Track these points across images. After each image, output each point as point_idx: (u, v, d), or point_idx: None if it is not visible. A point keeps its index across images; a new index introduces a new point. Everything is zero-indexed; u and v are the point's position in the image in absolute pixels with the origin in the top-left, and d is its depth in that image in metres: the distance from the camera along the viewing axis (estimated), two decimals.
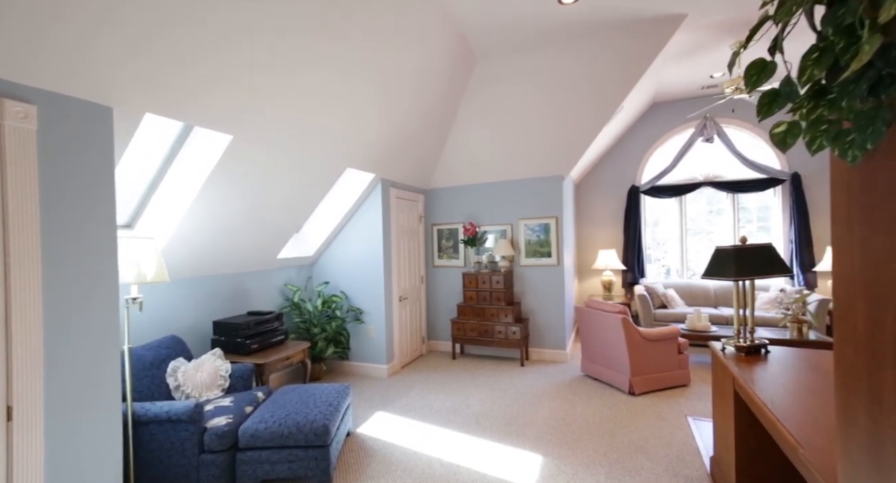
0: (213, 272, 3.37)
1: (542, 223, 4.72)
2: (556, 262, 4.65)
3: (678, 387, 3.72)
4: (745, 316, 2.25)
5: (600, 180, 6.48)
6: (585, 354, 4.09)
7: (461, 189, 5.16)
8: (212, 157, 2.59)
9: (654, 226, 6.37)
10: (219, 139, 2.54)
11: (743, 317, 2.15)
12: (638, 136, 6.26)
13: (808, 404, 1.48)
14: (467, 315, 4.75)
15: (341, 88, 2.91)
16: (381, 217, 4.27)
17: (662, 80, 5.30)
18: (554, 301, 4.70)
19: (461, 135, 4.56)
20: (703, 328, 4.31)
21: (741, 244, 2.09)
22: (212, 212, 2.87)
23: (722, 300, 5.54)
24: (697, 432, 2.87)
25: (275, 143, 2.82)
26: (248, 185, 2.93)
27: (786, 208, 5.58)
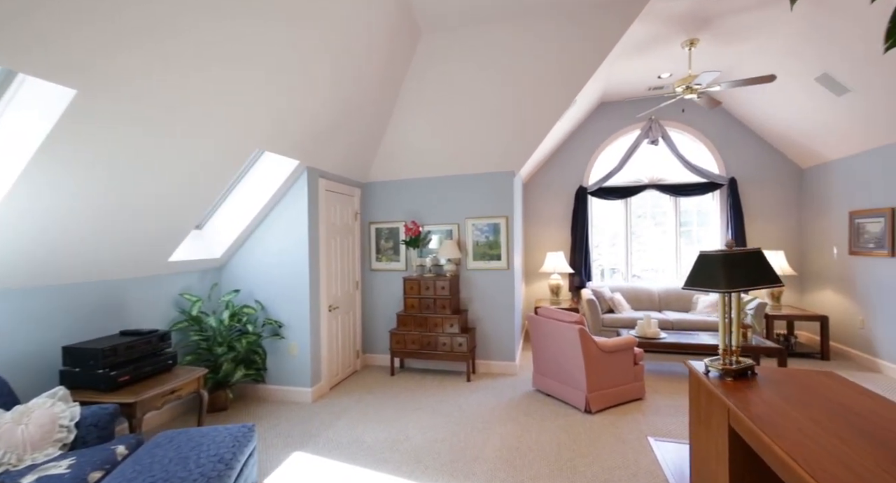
0: (67, 280, 2.53)
1: (491, 223, 4.31)
2: (506, 265, 4.27)
3: (634, 401, 3.47)
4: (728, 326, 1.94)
5: (548, 180, 6.25)
6: (537, 367, 3.73)
7: (403, 184, 4.61)
8: (46, 120, 1.82)
9: (601, 228, 6.27)
10: (56, 94, 1.78)
11: (729, 329, 1.84)
12: (586, 135, 6.12)
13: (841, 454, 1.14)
14: (408, 325, 4.22)
15: (253, 51, 2.26)
16: (307, 212, 3.61)
17: (611, 78, 5.15)
18: (503, 308, 4.31)
19: (403, 121, 4.02)
20: (653, 335, 4.15)
21: (729, 250, 1.77)
22: (57, 198, 2.08)
23: (665, 304, 5.51)
24: (662, 457, 2.58)
25: (146, 110, 2.09)
26: (109, 162, 2.17)
27: (723, 212, 5.69)
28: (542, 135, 3.90)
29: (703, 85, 4.00)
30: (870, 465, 1.11)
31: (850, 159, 4.57)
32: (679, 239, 5.96)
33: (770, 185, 5.55)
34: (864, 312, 4.40)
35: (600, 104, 6.05)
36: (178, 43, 1.95)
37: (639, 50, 4.36)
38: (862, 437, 1.24)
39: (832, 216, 4.87)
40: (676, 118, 5.81)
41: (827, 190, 4.96)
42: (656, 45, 4.25)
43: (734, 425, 1.52)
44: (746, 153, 5.61)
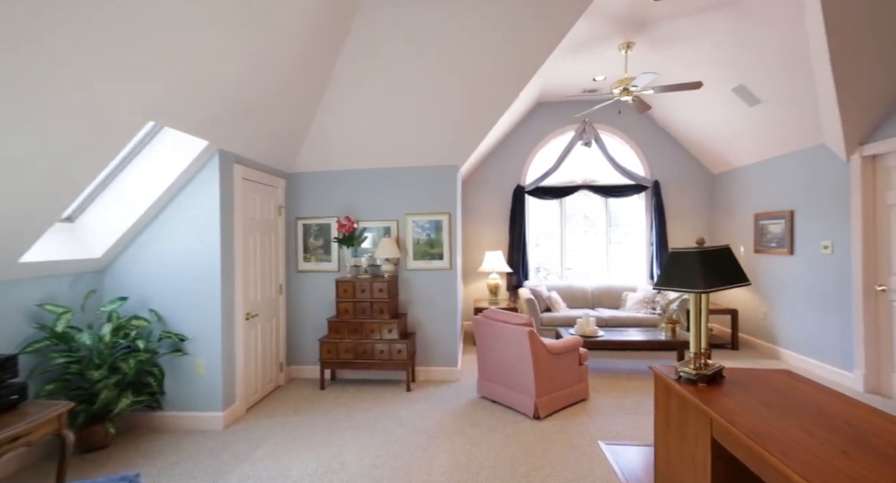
0: None
1: (433, 220, 4.03)
2: (449, 265, 4.02)
3: (579, 402, 3.41)
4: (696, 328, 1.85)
5: (486, 178, 6.14)
6: (482, 373, 3.53)
7: (336, 175, 4.15)
8: None
9: (538, 227, 6.31)
10: None
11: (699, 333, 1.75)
12: (523, 135, 6.11)
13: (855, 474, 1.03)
14: (341, 332, 3.78)
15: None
16: (220, 203, 3.02)
17: (549, 78, 5.15)
18: (445, 311, 4.05)
19: (336, 106, 3.57)
20: (591, 333, 4.17)
21: (701, 247, 1.67)
22: None
23: (598, 301, 5.66)
24: (615, 463, 2.49)
25: None
26: None
27: (648, 213, 6.00)
28: (488, 127, 3.70)
29: (640, 87, 4.09)
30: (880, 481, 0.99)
31: (756, 166, 5.03)
32: (609, 238, 6.18)
33: (687, 188, 5.97)
34: (767, 305, 4.85)
35: (537, 104, 6.07)
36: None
37: (578, 50, 4.37)
38: (862, 450, 1.15)
39: (739, 218, 5.33)
40: (607, 122, 6.02)
41: (735, 194, 5.43)
42: (595, 46, 4.29)
43: (719, 438, 1.39)
44: (668, 158, 5.98)
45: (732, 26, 3.77)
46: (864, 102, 3.37)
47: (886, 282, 3.51)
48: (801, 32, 3.34)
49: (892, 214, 3.46)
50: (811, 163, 4.19)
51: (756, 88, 4.17)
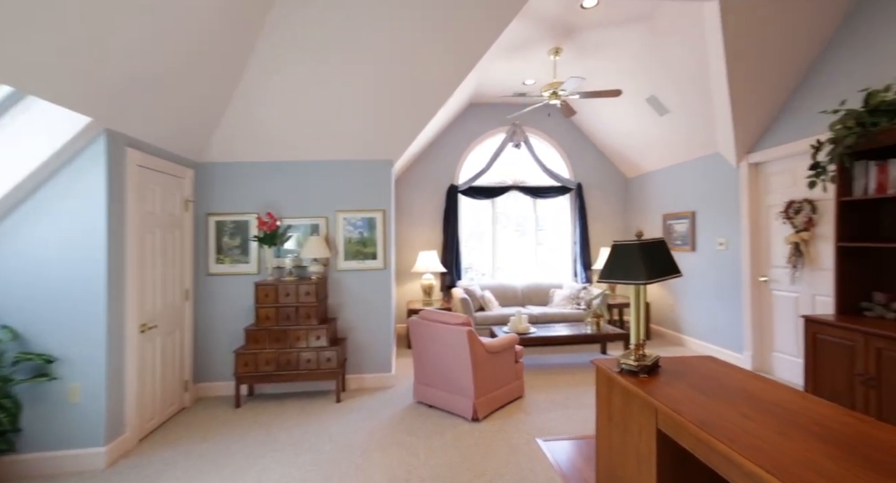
0: None
1: (365, 217, 3.80)
2: (383, 265, 3.81)
3: (516, 400, 3.42)
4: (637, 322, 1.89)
5: (420, 177, 6.03)
6: (419, 377, 3.38)
7: (256, 167, 3.73)
8: None
9: (470, 226, 6.33)
10: None
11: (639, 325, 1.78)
12: (456, 135, 6.10)
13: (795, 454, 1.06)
14: (262, 341, 3.39)
15: None
16: (106, 193, 2.52)
17: (481, 80, 5.19)
18: (379, 314, 3.83)
19: (258, 89, 3.19)
20: (524, 330, 4.24)
21: (640, 239, 1.70)
22: None
23: (527, 299, 5.82)
24: (553, 459, 2.50)
25: None
26: None
27: (572, 213, 6.32)
28: (423, 121, 3.57)
29: (568, 90, 4.26)
30: (824, 461, 1.04)
31: (663, 171, 5.53)
32: (537, 237, 6.41)
33: (606, 190, 6.40)
34: (673, 298, 5.35)
35: (470, 105, 6.10)
36: None
37: (511, 51, 4.44)
38: (795, 430, 1.21)
39: (650, 218, 5.83)
40: (536, 125, 6.24)
41: (646, 196, 5.93)
42: (526, 49, 4.39)
43: (665, 428, 1.40)
44: (589, 161, 6.36)
45: (647, 40, 4.07)
46: (752, 117, 3.83)
47: (767, 273, 4.03)
48: (703, 51, 3.70)
49: (771, 214, 3.97)
50: (709, 169, 4.69)
51: (665, 99, 4.56)
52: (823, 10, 3.19)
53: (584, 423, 2.98)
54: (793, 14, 3.20)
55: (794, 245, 3.66)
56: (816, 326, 2.85)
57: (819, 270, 3.49)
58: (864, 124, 2.74)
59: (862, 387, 2.57)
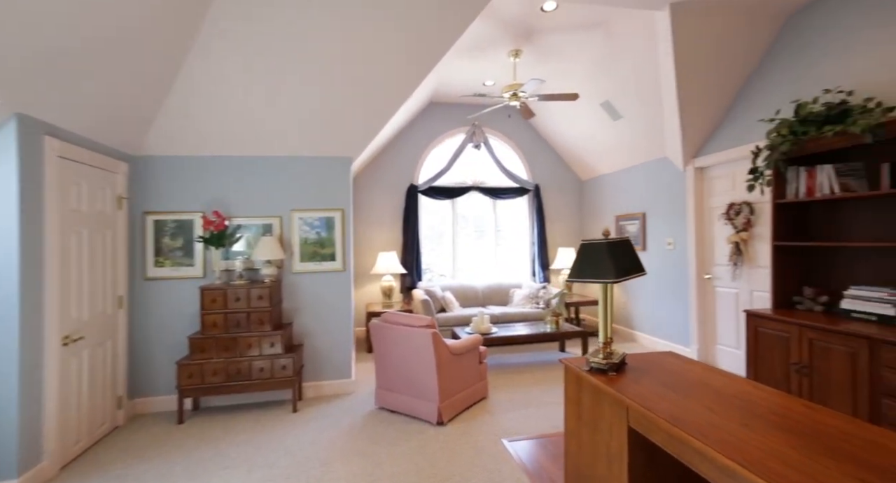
0: None
1: (323, 217, 3.63)
2: (342, 266, 3.66)
3: (480, 401, 3.39)
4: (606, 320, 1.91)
5: (380, 176, 5.89)
6: (381, 382, 3.27)
7: (201, 162, 3.45)
8: None
9: (430, 226, 6.27)
10: None
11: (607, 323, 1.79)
12: (416, 134, 6.02)
13: (760, 445, 1.10)
14: (208, 351, 3.13)
15: None
16: (18, 189, 2.20)
17: (441, 79, 5.15)
18: (338, 317, 3.67)
19: (205, 75, 2.93)
20: (486, 330, 4.25)
21: (608, 238, 1.71)
22: None
23: (488, 299, 5.85)
24: (519, 460, 2.49)
25: None
26: None
27: (531, 214, 6.44)
28: (384, 119, 3.46)
29: (528, 92, 4.32)
30: (788, 450, 1.07)
31: (616, 174, 5.76)
32: (497, 238, 6.46)
33: (562, 192, 6.58)
34: (626, 295, 5.58)
35: (430, 104, 6.04)
36: None
37: (472, 51, 4.44)
38: (756, 421, 1.25)
39: (604, 219, 6.06)
40: (495, 126, 6.29)
41: (600, 198, 6.16)
42: (487, 49, 4.40)
43: (636, 426, 1.41)
44: (546, 164, 6.51)
45: (602, 46, 4.22)
46: (698, 124, 4.07)
47: (711, 271, 4.30)
48: (655, 59, 3.88)
49: (714, 216, 4.24)
50: (658, 172, 4.94)
51: (619, 105, 4.75)
52: (760, 26, 3.44)
53: (547, 421, 3.01)
54: (734, 28, 3.43)
55: (735, 244, 3.92)
56: (757, 320, 3.06)
57: (757, 268, 3.76)
58: (795, 133, 2.98)
59: (796, 375, 2.78)
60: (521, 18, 3.81)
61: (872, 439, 1.12)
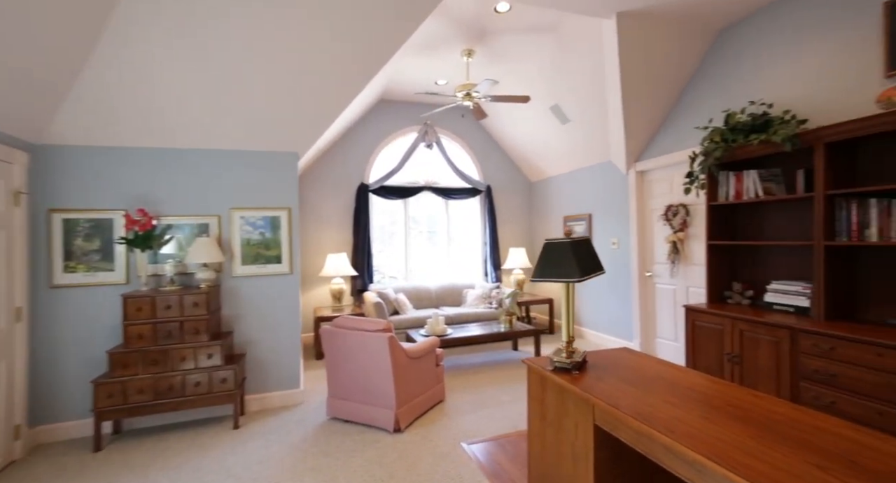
0: None
1: (268, 216, 3.37)
2: (289, 269, 3.43)
3: (437, 404, 3.32)
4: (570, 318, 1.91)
5: (328, 174, 5.63)
6: (333, 390, 3.09)
7: (123, 154, 3.06)
8: None
9: (382, 227, 6.11)
10: None
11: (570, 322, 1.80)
12: (366, 132, 5.84)
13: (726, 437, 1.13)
14: (133, 366, 2.78)
15: None
16: None
17: (393, 76, 5.04)
18: (285, 324, 3.43)
19: (126, 50, 2.60)
20: (441, 332, 4.19)
21: (571, 238, 1.72)
22: None
23: (441, 300, 5.80)
24: (479, 462, 2.46)
25: None
26: None
27: (482, 215, 6.49)
28: (335, 111, 3.29)
29: (482, 92, 4.33)
30: (748, 441, 1.11)
31: (564, 176, 5.97)
32: (450, 238, 6.44)
33: (513, 193, 6.71)
34: (573, 293, 5.79)
35: (381, 101, 5.89)
36: None
37: (424, 49, 4.37)
38: (715, 413, 1.30)
39: (552, 219, 6.25)
40: (447, 126, 6.27)
41: (548, 199, 6.35)
42: (440, 48, 4.35)
43: (602, 424, 1.41)
44: (497, 165, 6.60)
45: (553, 51, 4.33)
46: (640, 129, 4.30)
47: (652, 269, 4.56)
48: (601, 66, 4.05)
49: (654, 217, 4.51)
50: (603, 175, 5.17)
51: (567, 109, 4.91)
52: (695, 39, 3.70)
53: (505, 420, 3.00)
54: (673, 39, 3.66)
55: (672, 244, 4.19)
56: (695, 314, 3.28)
57: (692, 265, 4.04)
58: (726, 140, 3.23)
59: (729, 363, 3.01)
60: (474, 18, 3.80)
61: (816, 425, 1.20)
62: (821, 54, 2.93)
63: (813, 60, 2.97)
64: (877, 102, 2.52)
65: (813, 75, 2.98)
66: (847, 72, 2.78)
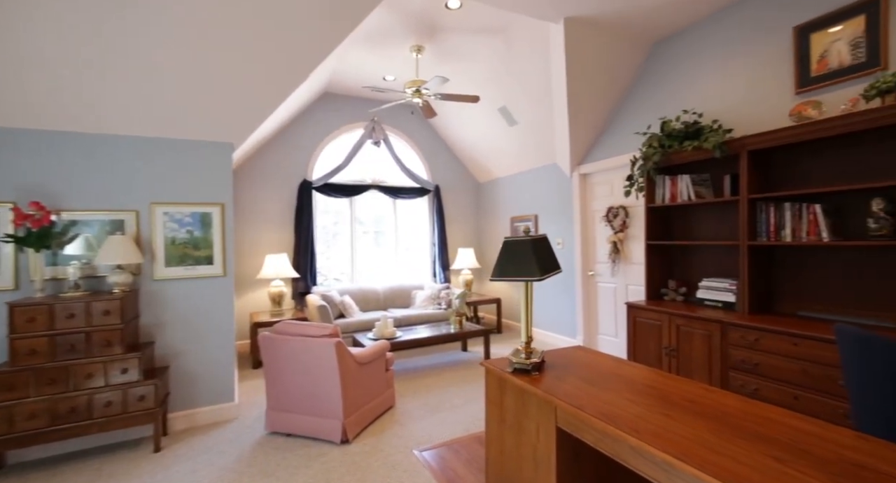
0: None
1: (197, 212, 3.03)
2: (222, 271, 3.11)
3: (387, 411, 3.18)
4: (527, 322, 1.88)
5: (267, 169, 5.25)
6: (273, 403, 2.84)
7: (9, 136, 2.59)
8: None
9: (326, 227, 5.81)
10: None
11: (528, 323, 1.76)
12: (310, 125, 5.52)
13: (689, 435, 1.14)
14: (22, 388, 2.35)
15: None
16: None
17: (338, 68, 4.82)
18: (218, 331, 3.11)
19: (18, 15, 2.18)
20: (391, 335, 4.05)
21: (531, 235, 1.69)
22: None
23: (390, 302, 5.64)
24: (434, 470, 2.37)
25: None
26: None
27: (431, 215, 6.41)
28: (278, 98, 3.03)
29: (432, 89, 4.25)
30: (709, 436, 1.12)
31: (511, 177, 6.06)
32: (397, 238, 6.29)
33: (461, 193, 6.71)
34: (520, 292, 5.90)
35: (326, 94, 5.61)
36: None
37: (372, 42, 4.21)
38: (674, 410, 1.31)
39: (500, 220, 6.33)
40: (395, 124, 6.12)
41: (496, 200, 6.42)
42: (389, 42, 4.22)
43: (565, 425, 1.38)
44: (446, 164, 6.56)
45: (502, 52, 4.36)
46: (583, 133, 4.47)
47: (594, 268, 4.76)
48: (548, 69, 4.14)
49: (596, 218, 4.70)
50: (548, 177, 5.31)
51: (515, 111, 4.99)
52: (635, 48, 3.90)
53: (458, 425, 2.94)
54: (615, 48, 3.82)
55: (613, 244, 4.39)
56: (636, 311, 3.44)
57: (631, 264, 4.26)
58: (663, 146, 3.42)
59: (667, 357, 3.19)
60: (425, 13, 3.71)
61: (763, 415, 1.25)
62: (743, 70, 3.20)
63: (737, 75, 3.24)
64: (790, 116, 2.80)
65: (737, 89, 3.24)
66: (766, 87, 3.06)
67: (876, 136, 2.48)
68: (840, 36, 2.71)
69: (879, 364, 1.52)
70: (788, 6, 2.93)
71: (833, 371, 2.27)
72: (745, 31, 3.18)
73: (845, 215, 2.62)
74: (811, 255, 2.79)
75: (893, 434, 1.52)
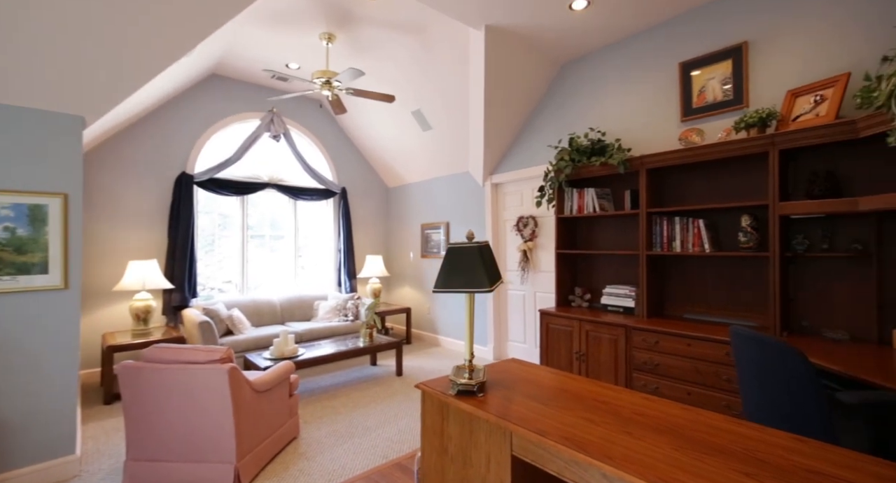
0: None
1: (22, 204, 2.26)
2: (62, 282, 2.36)
3: (290, 443, 2.73)
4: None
5: (135, 155, 4.31)
6: (136, 450, 2.21)
7: None
8: None
9: (210, 230, 4.98)
10: None
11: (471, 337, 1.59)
12: (192, 109, 4.71)
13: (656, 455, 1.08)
14: None
15: None
16: None
17: (233, 46, 4.20)
18: (53, 360, 2.34)
19: None
20: (292, 353, 3.57)
21: (476, 242, 1.54)
22: None
23: (288, 314, 5.05)
24: None
25: None
26: None
27: (336, 219, 5.96)
28: (154, 69, 2.43)
29: (345, 82, 3.92)
30: (676, 454, 1.08)
31: (423, 183, 5.95)
32: (298, 243, 5.70)
33: (369, 198, 6.38)
34: (429, 302, 5.78)
35: (213, 76, 4.85)
36: None
37: (275, 21, 3.74)
38: (631, 425, 1.26)
39: (410, 227, 6.16)
40: (297, 118, 5.57)
41: (406, 206, 6.24)
42: (294, 25, 3.79)
43: (522, 454, 1.24)
44: (353, 167, 6.18)
45: (419, 53, 4.22)
46: (496, 143, 4.55)
47: (504, 276, 4.86)
48: (466, 76, 4.13)
49: (507, 227, 4.82)
50: (461, 185, 5.31)
51: (429, 115, 4.89)
52: (545, 66, 4.10)
53: (374, 451, 2.65)
54: (530, 62, 3.96)
55: (523, 252, 4.53)
56: (548, 318, 3.54)
57: (540, 272, 4.43)
58: (573, 160, 3.62)
59: (577, 361, 3.33)
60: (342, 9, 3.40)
61: (709, 423, 1.27)
62: (640, 96, 3.54)
63: (634, 100, 3.58)
64: (679, 140, 3.16)
65: (635, 112, 3.58)
66: (659, 112, 3.42)
67: (742, 161, 2.91)
68: (713, 75, 3.15)
69: (771, 362, 1.70)
70: (674, 44, 3.32)
71: (719, 368, 2.55)
72: (640, 60, 3.54)
73: (721, 229, 3.03)
74: (694, 263, 3.16)
75: (783, 424, 1.71)
